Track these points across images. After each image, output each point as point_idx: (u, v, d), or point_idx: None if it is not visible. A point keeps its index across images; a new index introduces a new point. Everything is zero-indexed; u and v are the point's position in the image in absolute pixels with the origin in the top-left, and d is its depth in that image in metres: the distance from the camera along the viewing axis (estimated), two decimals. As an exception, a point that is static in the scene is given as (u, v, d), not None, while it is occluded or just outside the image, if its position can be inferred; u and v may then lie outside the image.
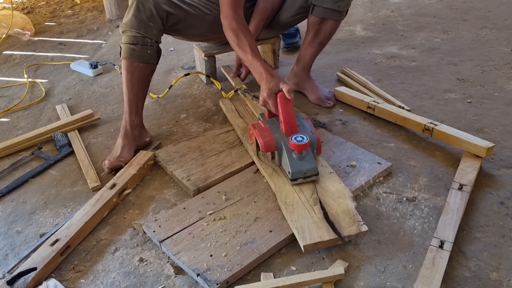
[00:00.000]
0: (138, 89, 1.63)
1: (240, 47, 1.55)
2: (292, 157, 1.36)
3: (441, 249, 1.16)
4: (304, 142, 1.33)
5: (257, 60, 1.50)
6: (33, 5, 3.48)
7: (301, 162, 1.35)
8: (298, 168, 1.35)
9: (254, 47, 1.54)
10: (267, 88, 1.45)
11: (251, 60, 1.52)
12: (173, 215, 1.33)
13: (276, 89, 1.44)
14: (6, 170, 1.63)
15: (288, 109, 1.42)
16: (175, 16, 1.67)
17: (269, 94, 1.44)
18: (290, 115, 1.41)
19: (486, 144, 1.46)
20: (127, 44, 1.60)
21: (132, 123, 1.63)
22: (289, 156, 1.36)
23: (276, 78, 1.45)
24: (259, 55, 1.53)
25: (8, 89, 2.25)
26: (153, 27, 1.59)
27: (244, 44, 1.54)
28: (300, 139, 1.34)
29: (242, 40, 1.54)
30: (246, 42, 1.53)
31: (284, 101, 1.42)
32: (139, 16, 1.57)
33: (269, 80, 1.45)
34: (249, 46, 1.53)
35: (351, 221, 1.23)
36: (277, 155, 1.43)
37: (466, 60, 2.23)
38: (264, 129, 1.44)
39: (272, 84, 1.44)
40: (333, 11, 1.75)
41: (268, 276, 1.15)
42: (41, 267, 1.18)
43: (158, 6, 1.59)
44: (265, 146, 1.40)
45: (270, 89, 1.44)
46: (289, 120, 1.41)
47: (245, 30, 1.57)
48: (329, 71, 2.20)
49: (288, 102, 1.42)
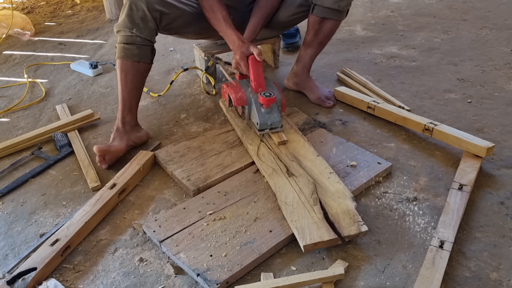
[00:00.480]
0: (132, 88, 1.64)
1: (215, 19, 1.70)
2: (260, 110, 1.56)
3: (441, 249, 1.16)
4: (271, 97, 1.53)
5: (230, 29, 1.66)
6: (33, 5, 3.48)
7: (268, 115, 1.56)
8: (265, 120, 1.55)
9: (228, 18, 1.69)
10: (239, 51, 1.62)
11: (224, 30, 1.68)
12: (173, 215, 1.33)
13: (247, 52, 1.62)
14: (6, 170, 1.63)
15: (258, 69, 1.61)
16: (169, 15, 1.67)
17: (241, 57, 1.62)
18: (259, 74, 1.60)
19: (486, 144, 1.46)
20: (122, 44, 1.62)
21: (124, 120, 1.66)
22: (257, 110, 1.57)
23: (247, 43, 1.62)
24: (231, 25, 1.68)
25: (8, 89, 2.25)
26: (146, 27, 1.61)
27: (218, 16, 1.68)
28: (268, 94, 1.54)
29: (216, 13, 1.69)
30: (220, 14, 1.68)
31: (254, 62, 1.61)
32: (132, 16, 1.58)
33: (241, 45, 1.62)
34: (222, 18, 1.68)
35: (351, 221, 1.23)
36: (247, 110, 1.63)
37: (466, 60, 2.23)
38: (236, 87, 1.64)
39: (244, 48, 1.61)
40: (333, 10, 1.75)
41: (268, 276, 1.15)
42: (41, 267, 1.18)
43: (150, 6, 1.60)
44: (236, 101, 1.59)
45: (242, 52, 1.61)
46: (258, 78, 1.60)
47: (218, 4, 1.70)
48: (329, 71, 2.20)
49: (258, 63, 1.61)
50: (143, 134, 1.71)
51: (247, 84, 1.65)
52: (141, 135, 1.70)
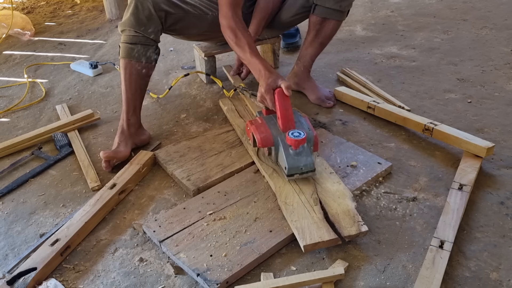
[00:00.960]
0: (136, 88, 1.63)
1: (238, 46, 1.56)
2: (289, 152, 1.36)
3: (441, 249, 1.16)
4: (301, 137, 1.33)
5: (256, 58, 1.51)
6: (33, 5, 3.48)
7: (297, 158, 1.35)
8: (295, 163, 1.35)
9: (253, 45, 1.55)
10: (265, 83, 1.45)
11: (249, 58, 1.53)
12: (173, 215, 1.33)
13: (274, 85, 1.44)
14: (6, 170, 1.63)
15: (285, 104, 1.42)
16: (174, 15, 1.67)
17: (267, 90, 1.45)
18: (287, 110, 1.42)
19: (486, 144, 1.46)
20: (126, 43, 1.60)
21: (128, 121, 1.64)
22: (285, 152, 1.36)
23: (275, 74, 1.46)
24: (257, 53, 1.54)
25: (8, 89, 2.25)
26: (151, 26, 1.60)
27: (242, 42, 1.54)
28: (297, 135, 1.34)
29: (241, 38, 1.55)
30: (245, 40, 1.54)
31: (281, 97, 1.42)
32: (137, 15, 1.57)
33: (268, 76, 1.46)
34: (247, 45, 1.53)
35: (351, 221, 1.23)
36: (274, 151, 1.43)
37: (466, 60, 2.23)
38: (261, 124, 1.45)
39: (270, 80, 1.45)
40: (334, 11, 1.75)
41: (268, 276, 1.15)
42: (41, 267, 1.18)
43: (156, 5, 1.59)
44: (261, 141, 1.40)
45: (268, 84, 1.44)
46: (286, 115, 1.41)
47: (243, 29, 1.58)
48: (329, 71, 2.20)
49: (285, 98, 1.42)
50: (146, 137, 1.71)
51: (274, 121, 1.46)
52: (145, 138, 1.70)
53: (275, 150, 1.43)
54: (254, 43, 1.58)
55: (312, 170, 1.37)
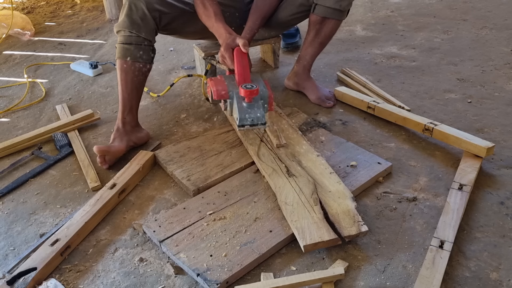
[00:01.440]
0: (132, 88, 1.64)
1: (206, 15, 1.64)
2: (242, 105, 1.44)
3: (441, 249, 1.16)
4: (253, 89, 1.41)
5: (219, 23, 1.60)
6: (33, 5, 3.48)
7: (249, 110, 1.43)
8: (246, 114, 1.42)
9: (219, 13, 1.64)
10: (224, 43, 1.54)
11: (214, 24, 1.61)
12: (173, 215, 1.33)
13: (233, 44, 1.53)
14: (6, 170, 1.63)
15: (242, 61, 1.50)
16: (169, 15, 1.67)
17: (226, 48, 1.53)
18: (244, 67, 1.50)
19: (486, 144, 1.46)
20: (121, 44, 1.62)
21: (124, 120, 1.65)
22: (238, 104, 1.44)
23: (234, 35, 1.55)
24: (222, 20, 1.62)
25: (8, 89, 2.25)
26: (146, 26, 1.61)
27: (209, 11, 1.63)
28: (249, 87, 1.42)
29: (208, 8, 1.63)
30: (212, 9, 1.63)
31: (239, 54, 1.51)
32: (131, 16, 1.58)
33: (227, 37, 1.55)
34: (213, 13, 1.62)
35: (351, 221, 1.23)
36: (229, 104, 1.51)
37: (466, 60, 2.23)
38: (220, 80, 1.54)
39: (229, 40, 1.53)
40: (334, 10, 1.75)
41: (268, 276, 1.15)
42: (41, 267, 1.18)
43: (150, 5, 1.60)
44: (217, 93, 1.48)
45: (227, 44, 1.53)
46: (242, 71, 1.49)
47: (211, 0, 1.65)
48: (329, 71, 2.20)
49: (243, 55, 1.51)
50: (144, 135, 1.71)
51: (233, 79, 1.55)
52: (142, 135, 1.70)
53: (230, 103, 1.50)
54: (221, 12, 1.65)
55: (263, 123, 1.43)
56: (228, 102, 1.50)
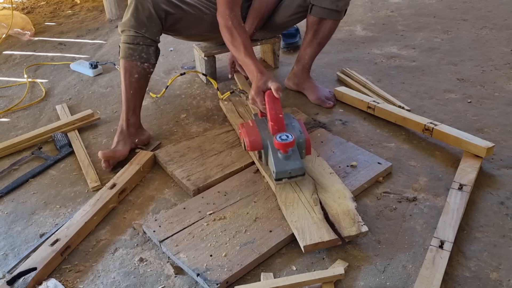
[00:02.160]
0: (135, 88, 1.63)
1: (234, 46, 1.56)
2: (277, 156, 1.33)
3: (441, 249, 1.16)
4: (288, 141, 1.29)
5: (249, 59, 1.51)
6: (33, 5, 3.48)
7: (286, 162, 1.32)
8: (283, 167, 1.32)
9: (248, 46, 1.55)
10: (255, 86, 1.44)
11: (244, 59, 1.53)
12: (173, 215, 1.33)
13: (264, 87, 1.43)
14: (6, 170, 1.63)
15: (275, 106, 1.39)
16: (174, 15, 1.67)
17: (257, 92, 1.43)
18: (276, 113, 1.38)
19: (486, 144, 1.46)
20: (126, 43, 1.60)
21: (128, 121, 1.64)
22: (274, 155, 1.34)
23: (266, 76, 1.44)
24: (252, 54, 1.53)
25: (8, 89, 2.25)
26: (151, 26, 1.60)
27: (238, 42, 1.54)
28: (284, 138, 1.30)
29: (236, 38, 1.55)
30: (240, 40, 1.54)
31: (271, 99, 1.40)
32: (137, 15, 1.57)
33: (259, 78, 1.44)
34: (242, 45, 1.53)
35: (352, 222, 1.23)
36: (264, 154, 1.41)
37: (466, 60, 2.23)
38: (252, 127, 1.42)
39: (260, 82, 1.43)
40: (331, 10, 1.75)
41: (268, 276, 1.15)
42: (41, 267, 1.18)
43: (156, 5, 1.59)
44: (250, 145, 1.38)
45: (258, 87, 1.43)
46: (275, 118, 1.37)
47: (240, 28, 1.57)
48: (329, 71, 2.20)
49: (275, 100, 1.40)
50: (146, 137, 1.70)
51: (266, 124, 1.43)
52: (144, 138, 1.70)
53: (265, 153, 1.40)
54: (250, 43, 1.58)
55: (301, 174, 1.34)
56: (263, 152, 1.40)
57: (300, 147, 1.37)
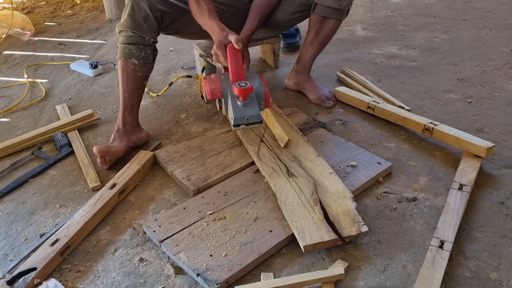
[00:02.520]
0: (133, 88, 1.64)
1: (199, 13, 1.60)
2: (236, 103, 1.37)
3: (441, 249, 1.16)
4: (246, 87, 1.33)
5: (213, 20, 1.55)
6: (33, 5, 3.48)
7: (244, 109, 1.36)
8: (241, 114, 1.35)
9: (212, 11, 1.59)
10: (217, 40, 1.49)
11: (207, 21, 1.57)
12: (173, 215, 1.33)
13: (225, 41, 1.47)
14: (6, 170, 1.63)
15: (236, 58, 1.44)
16: (171, 15, 1.67)
17: (219, 46, 1.48)
18: (237, 64, 1.43)
19: (486, 144, 1.46)
20: (123, 44, 1.62)
21: (124, 120, 1.65)
22: (233, 103, 1.37)
23: (227, 31, 1.49)
24: (215, 17, 1.57)
25: (8, 89, 2.25)
26: (148, 27, 1.61)
27: (203, 9, 1.58)
28: (243, 85, 1.35)
29: (202, 6, 1.59)
30: (206, 7, 1.58)
31: (232, 51, 1.44)
32: (134, 16, 1.58)
33: (220, 33, 1.49)
34: (207, 10, 1.57)
35: (352, 222, 1.23)
36: (224, 103, 1.44)
37: (466, 60, 2.23)
38: (214, 79, 1.46)
39: (222, 37, 1.48)
40: (334, 10, 1.75)
41: (268, 276, 1.15)
42: (41, 267, 1.18)
43: (152, 6, 1.60)
44: (210, 93, 1.41)
45: (219, 41, 1.48)
46: (236, 68, 1.42)
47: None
48: (329, 71, 2.20)
49: (236, 52, 1.44)
50: (144, 135, 1.71)
51: (227, 76, 1.48)
52: (142, 136, 1.70)
53: (225, 102, 1.43)
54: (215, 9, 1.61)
55: (259, 121, 1.36)
56: (223, 101, 1.44)
57: (259, 98, 1.41)
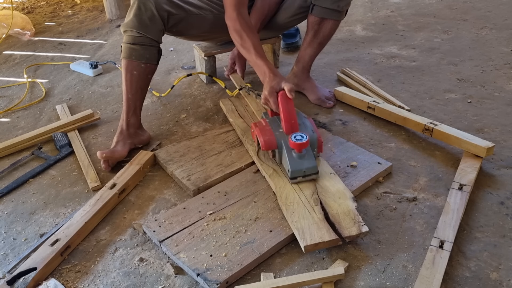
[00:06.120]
0: (137, 88, 1.64)
1: (244, 47, 1.58)
2: (292, 155, 1.37)
3: (441, 249, 1.16)
4: (303, 141, 1.33)
5: (261, 60, 1.53)
6: (33, 5, 3.48)
7: (300, 161, 1.36)
8: (298, 166, 1.35)
9: (258, 47, 1.57)
10: (269, 86, 1.47)
11: (255, 60, 1.55)
12: (173, 215, 1.33)
13: (277, 88, 1.46)
14: (6, 170, 1.63)
15: (288, 107, 1.42)
16: (176, 16, 1.67)
17: (271, 92, 1.46)
18: (290, 113, 1.42)
19: (486, 144, 1.46)
20: (128, 44, 1.60)
21: (128, 121, 1.65)
22: (289, 155, 1.37)
23: (279, 77, 1.47)
24: (263, 55, 1.56)
25: (8, 89, 2.25)
26: (154, 27, 1.60)
27: (248, 44, 1.56)
28: (299, 138, 1.34)
29: (246, 40, 1.57)
30: (250, 42, 1.56)
31: (285, 100, 1.43)
32: (140, 16, 1.57)
33: (272, 78, 1.47)
34: (253, 47, 1.55)
35: (352, 222, 1.23)
36: (278, 154, 1.44)
37: (466, 60, 2.23)
38: (265, 127, 1.45)
39: (274, 83, 1.46)
40: (332, 10, 1.75)
41: (268, 276, 1.15)
42: (41, 267, 1.18)
43: (159, 6, 1.59)
44: (265, 145, 1.41)
45: (272, 87, 1.46)
46: (289, 118, 1.41)
47: (249, 30, 1.59)
48: (329, 71, 2.20)
49: (289, 101, 1.43)
50: (146, 137, 1.71)
51: (278, 123, 1.47)
52: (144, 138, 1.70)
53: (279, 153, 1.43)
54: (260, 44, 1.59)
55: (315, 172, 1.37)
56: (277, 152, 1.44)
57: (313, 146, 1.41)
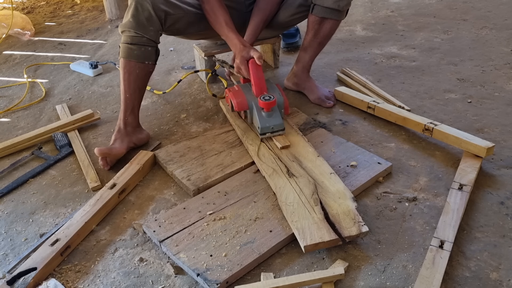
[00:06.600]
0: (134, 88, 1.64)
1: (217, 23, 1.72)
2: (261, 114, 1.57)
3: (441, 249, 1.16)
4: (271, 101, 1.53)
5: (232, 33, 1.68)
6: (33, 5, 3.48)
7: (268, 119, 1.56)
8: (266, 123, 1.56)
9: (229, 22, 1.70)
10: (240, 55, 1.63)
11: (226, 34, 1.69)
12: (173, 215, 1.33)
13: (247, 56, 1.62)
14: (6, 170, 1.63)
15: (258, 73, 1.61)
16: (174, 16, 1.67)
17: (242, 61, 1.63)
18: (260, 78, 1.61)
19: (486, 144, 1.46)
20: (126, 44, 1.61)
21: (126, 120, 1.65)
22: (258, 114, 1.57)
23: (248, 47, 1.63)
24: (233, 29, 1.70)
25: (8, 89, 2.25)
26: (151, 27, 1.60)
27: (220, 20, 1.70)
28: (267, 98, 1.54)
29: (218, 16, 1.70)
30: (222, 18, 1.70)
31: (254, 66, 1.61)
32: (137, 16, 1.58)
33: (242, 49, 1.64)
34: (224, 22, 1.69)
35: (352, 222, 1.23)
36: (249, 114, 1.64)
37: (466, 60, 2.23)
38: (238, 91, 1.66)
39: (244, 52, 1.63)
40: (333, 10, 1.75)
41: (268, 276, 1.15)
42: (41, 267, 1.18)
43: (156, 6, 1.60)
44: (238, 106, 1.61)
45: (242, 56, 1.63)
46: (259, 82, 1.60)
47: (220, 7, 1.71)
48: (329, 71, 2.20)
49: (258, 67, 1.61)
50: (144, 136, 1.71)
51: (249, 88, 1.65)
52: (142, 136, 1.70)
53: (250, 113, 1.63)
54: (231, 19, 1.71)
55: (282, 129, 1.58)
56: (248, 112, 1.63)
57: (280, 107, 1.60)
